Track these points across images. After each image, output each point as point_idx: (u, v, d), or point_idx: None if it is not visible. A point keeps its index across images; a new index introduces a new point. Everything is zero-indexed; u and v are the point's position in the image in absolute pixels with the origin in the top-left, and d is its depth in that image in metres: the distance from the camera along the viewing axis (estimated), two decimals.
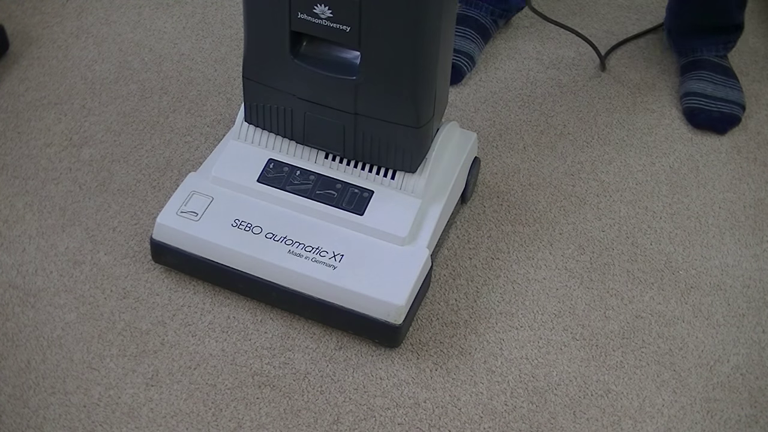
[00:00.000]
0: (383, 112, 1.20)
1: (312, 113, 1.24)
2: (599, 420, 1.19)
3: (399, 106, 1.19)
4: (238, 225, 1.25)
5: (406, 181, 1.26)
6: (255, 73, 1.25)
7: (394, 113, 1.20)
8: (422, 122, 1.21)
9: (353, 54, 1.18)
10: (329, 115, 1.23)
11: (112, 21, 1.72)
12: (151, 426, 1.15)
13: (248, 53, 1.23)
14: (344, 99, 1.20)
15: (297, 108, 1.24)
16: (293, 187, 1.27)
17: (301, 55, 1.20)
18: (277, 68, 1.22)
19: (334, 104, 1.21)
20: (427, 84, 1.18)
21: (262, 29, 1.20)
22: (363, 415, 1.17)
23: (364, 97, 1.19)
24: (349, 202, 1.26)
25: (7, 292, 1.28)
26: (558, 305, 1.31)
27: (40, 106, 1.55)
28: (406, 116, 1.20)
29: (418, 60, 1.16)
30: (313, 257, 1.22)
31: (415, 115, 1.19)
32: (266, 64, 1.22)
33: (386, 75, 1.17)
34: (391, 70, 1.16)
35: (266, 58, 1.22)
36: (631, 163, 1.53)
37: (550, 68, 1.70)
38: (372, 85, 1.18)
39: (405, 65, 1.16)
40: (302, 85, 1.22)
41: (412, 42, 1.13)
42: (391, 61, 1.15)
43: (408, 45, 1.14)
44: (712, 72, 1.63)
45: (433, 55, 1.17)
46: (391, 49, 1.14)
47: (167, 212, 1.27)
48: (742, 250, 1.41)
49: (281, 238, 1.24)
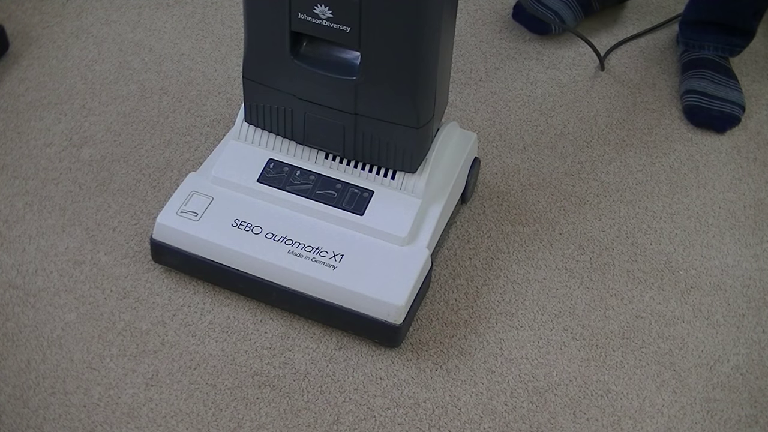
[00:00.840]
0: (383, 113, 1.20)
1: (312, 113, 1.24)
2: (599, 420, 1.19)
3: (399, 106, 1.19)
4: (238, 225, 1.25)
5: (406, 182, 1.26)
6: (255, 74, 1.25)
7: (394, 113, 1.20)
8: (422, 122, 1.21)
9: (353, 54, 1.18)
10: (329, 116, 1.23)
11: (112, 21, 1.72)
12: (151, 426, 1.15)
13: (248, 53, 1.23)
14: (344, 99, 1.20)
15: (297, 108, 1.24)
16: (293, 187, 1.27)
17: (301, 56, 1.20)
18: (277, 68, 1.22)
19: (334, 104, 1.21)
20: (427, 84, 1.19)
21: (262, 29, 1.20)
22: (363, 415, 1.18)
23: (364, 97, 1.19)
24: (349, 202, 1.26)
25: (7, 292, 1.28)
26: (558, 305, 1.31)
27: (40, 106, 1.55)
28: (406, 117, 1.20)
29: (418, 60, 1.16)
30: (313, 257, 1.22)
31: (415, 116, 1.20)
32: (266, 64, 1.23)
33: (386, 75, 1.17)
34: (391, 70, 1.16)
35: (266, 59, 1.22)
36: (631, 163, 1.53)
37: (550, 68, 1.70)
38: (372, 85, 1.18)
39: (405, 65, 1.16)
40: (302, 85, 1.22)
41: (412, 42, 1.14)
42: (391, 62, 1.15)
43: (408, 45, 1.14)
44: (713, 71, 1.63)
45: (433, 55, 1.17)
46: (391, 49, 1.14)
47: (167, 212, 1.27)
48: (742, 250, 1.41)
49: (281, 238, 1.24)
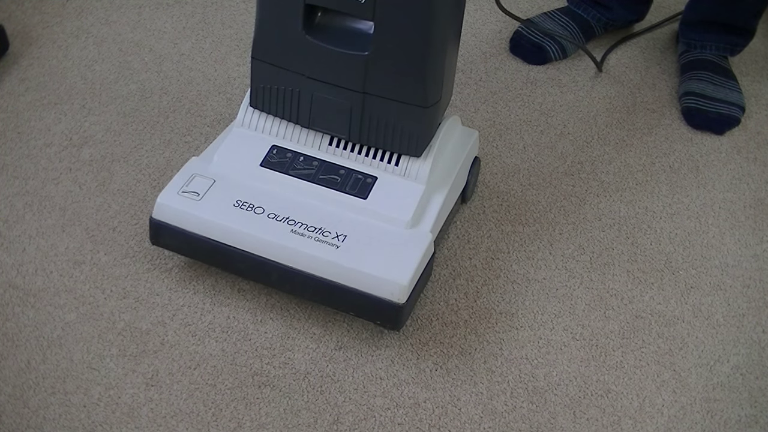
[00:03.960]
0: (392, 90, 1.20)
1: (320, 93, 1.24)
2: (599, 420, 1.19)
3: (408, 83, 1.19)
4: (240, 205, 1.24)
5: (411, 167, 1.26)
6: (265, 53, 1.24)
7: (402, 91, 1.20)
8: (430, 102, 1.21)
9: (366, 26, 1.19)
10: (337, 95, 1.23)
11: (112, 21, 1.72)
12: (151, 426, 1.15)
13: (259, 32, 1.23)
14: (353, 77, 1.20)
15: (304, 89, 1.24)
16: (296, 172, 1.27)
17: (314, 30, 1.20)
18: (288, 46, 1.22)
19: (342, 82, 1.21)
20: (437, 61, 1.19)
21: (275, 4, 1.20)
22: (363, 415, 1.18)
23: (373, 74, 1.19)
24: (352, 186, 1.26)
25: (7, 292, 1.28)
26: (558, 305, 1.31)
27: (40, 106, 1.55)
28: (415, 95, 1.20)
29: (431, 34, 1.16)
30: (316, 236, 1.21)
31: (423, 94, 1.19)
32: (277, 42, 1.23)
33: (398, 49, 1.17)
34: (403, 43, 1.16)
35: (278, 36, 1.22)
36: (631, 163, 1.53)
37: (550, 68, 1.70)
38: (383, 60, 1.18)
39: (417, 39, 1.16)
40: (312, 63, 1.22)
41: (426, 13, 1.14)
42: (403, 34, 1.16)
43: (422, 15, 1.14)
44: (712, 72, 1.64)
45: (445, 31, 1.17)
46: (405, 21, 1.15)
47: (168, 192, 1.25)
48: (742, 250, 1.41)
49: (284, 218, 1.23)
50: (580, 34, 1.71)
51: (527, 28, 1.70)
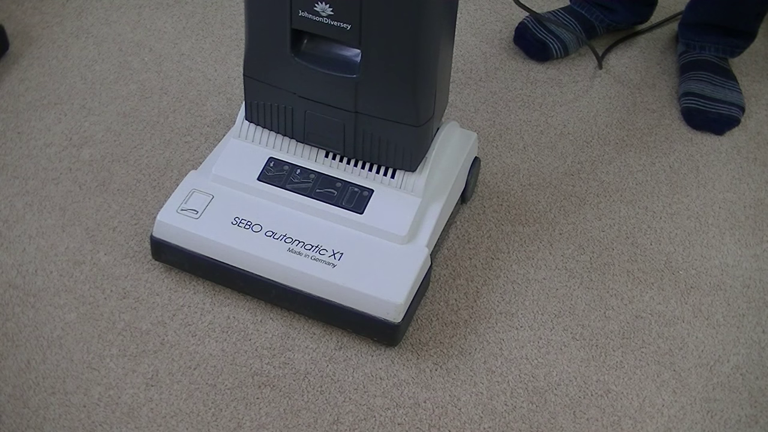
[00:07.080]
0: (383, 111, 1.20)
1: (312, 111, 1.24)
2: (599, 420, 1.19)
3: (399, 104, 1.19)
4: (238, 223, 1.25)
5: (406, 180, 1.26)
6: (256, 71, 1.25)
7: (394, 111, 1.20)
8: (422, 121, 1.21)
9: (354, 52, 1.19)
10: (329, 114, 1.23)
11: (112, 21, 1.72)
12: (151, 426, 1.15)
13: (249, 51, 1.24)
14: (344, 97, 1.20)
15: (297, 106, 1.25)
16: (293, 186, 1.28)
17: (302, 53, 1.20)
18: (278, 66, 1.22)
19: (334, 102, 1.21)
20: (427, 82, 1.19)
21: (263, 27, 1.20)
22: (363, 415, 1.18)
23: (364, 95, 1.19)
24: (348, 200, 1.26)
25: (7, 292, 1.28)
26: (558, 305, 1.31)
27: (40, 106, 1.55)
28: (407, 114, 1.20)
29: (418, 57, 1.16)
30: (313, 255, 1.22)
31: (415, 114, 1.20)
32: (267, 62, 1.23)
33: (387, 73, 1.17)
34: (392, 67, 1.16)
35: (267, 57, 1.22)
36: (631, 163, 1.53)
37: (550, 68, 1.70)
38: (372, 83, 1.18)
39: (405, 63, 1.16)
40: (303, 83, 1.22)
41: (413, 39, 1.14)
42: (391, 59, 1.16)
43: (408, 42, 1.14)
44: (711, 73, 1.63)
45: (433, 53, 1.17)
46: (392, 46, 1.14)
47: (167, 210, 1.27)
48: (742, 250, 1.41)
49: (281, 236, 1.24)
50: (583, 34, 1.71)
51: (533, 22, 1.70)
